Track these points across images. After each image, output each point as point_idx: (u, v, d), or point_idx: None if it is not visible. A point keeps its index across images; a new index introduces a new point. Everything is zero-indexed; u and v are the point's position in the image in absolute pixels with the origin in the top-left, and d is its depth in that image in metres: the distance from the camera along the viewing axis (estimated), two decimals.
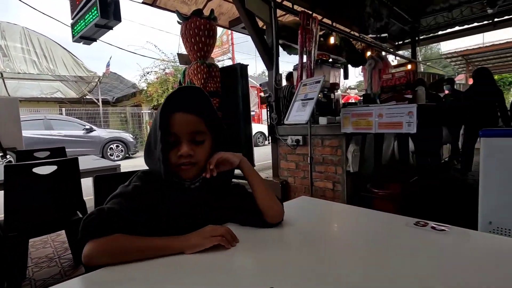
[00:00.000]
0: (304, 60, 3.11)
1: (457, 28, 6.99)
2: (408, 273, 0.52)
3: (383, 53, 6.93)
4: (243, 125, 3.98)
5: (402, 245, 0.65)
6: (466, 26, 6.84)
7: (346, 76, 5.33)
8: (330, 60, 5.65)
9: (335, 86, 3.15)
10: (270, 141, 3.45)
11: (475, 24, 6.67)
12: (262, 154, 7.16)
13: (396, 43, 7.58)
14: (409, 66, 7.24)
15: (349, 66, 4.99)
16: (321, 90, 2.93)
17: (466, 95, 3.91)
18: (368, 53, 5.55)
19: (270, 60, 3.30)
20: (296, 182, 3.27)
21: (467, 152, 3.95)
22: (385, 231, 0.74)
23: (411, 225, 0.72)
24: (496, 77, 17.75)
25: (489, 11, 5.29)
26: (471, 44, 9.91)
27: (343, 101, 10.00)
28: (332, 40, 4.81)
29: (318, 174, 3.05)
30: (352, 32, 5.67)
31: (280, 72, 3.39)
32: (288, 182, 3.34)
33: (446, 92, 4.98)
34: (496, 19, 6.31)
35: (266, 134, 7.50)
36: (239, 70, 3.86)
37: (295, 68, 3.69)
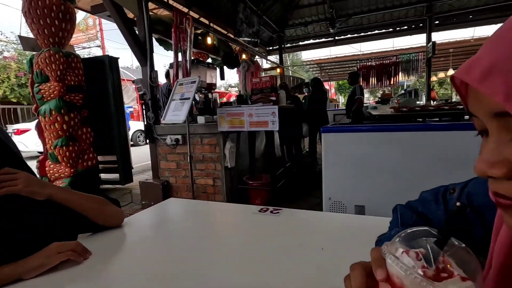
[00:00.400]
0: (180, 59, 3.09)
1: (311, 41, 8.50)
2: (250, 251, 0.64)
3: (257, 57, 7.68)
4: (116, 124, 3.61)
5: (248, 229, 0.78)
6: (317, 40, 8.42)
7: (222, 77, 5.62)
8: (209, 60, 5.81)
9: (212, 86, 3.29)
10: (148, 141, 3.28)
11: (323, 39, 8.30)
12: (144, 154, 6.68)
13: (268, 48, 8.54)
14: (278, 70, 8.30)
15: (226, 67, 5.29)
16: (198, 90, 3.00)
17: (309, 98, 4.86)
18: (244, 56, 6.03)
19: (143, 55, 3.12)
20: (178, 181, 3.25)
21: (311, 145, 4.99)
22: (235, 220, 0.87)
23: (256, 212, 0.88)
24: (340, 82, 22.64)
25: (331, 30, 6.69)
26: (323, 54, 12.28)
27: (225, 99, 10.49)
28: (209, 40, 4.96)
29: (199, 172, 3.13)
30: (229, 34, 6.01)
31: (164, 67, 3.25)
32: (169, 182, 3.28)
33: (306, 94, 6.04)
34: (336, 37, 8.04)
35: None
36: (108, 63, 3.46)
37: (171, 67, 3.62)
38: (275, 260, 0.61)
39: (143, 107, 3.18)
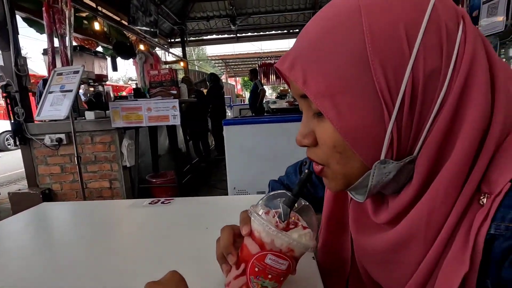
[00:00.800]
0: (56, 44, 2.63)
1: (214, 36, 8.56)
2: (133, 243, 0.62)
3: (157, 49, 7.22)
4: None
5: (134, 223, 0.76)
6: (220, 36, 8.53)
7: (114, 68, 5.07)
8: (99, 48, 5.13)
9: (102, 78, 2.93)
10: (18, 142, 2.69)
11: (226, 35, 8.47)
12: (18, 160, 5.43)
13: (169, 40, 8.14)
14: (182, 64, 8.04)
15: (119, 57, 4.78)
16: (84, 81, 2.63)
17: (208, 94, 4.95)
18: (141, 47, 5.57)
19: (4, 38, 2.52)
20: (64, 187, 2.79)
21: (218, 137, 5.12)
22: (120, 216, 0.82)
23: (147, 204, 0.85)
24: (245, 78, 23.62)
25: (232, 27, 6.89)
26: (228, 50, 12.51)
27: (125, 93, 9.48)
28: (97, 25, 4.38)
29: (92, 174, 2.77)
30: (123, 21, 5.43)
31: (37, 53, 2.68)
32: (52, 189, 2.79)
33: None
34: (238, 35, 8.33)
35: None
36: None
37: (45, 53, 3.04)
38: (159, 247, 0.61)
39: (8, 102, 2.58)
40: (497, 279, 0.27)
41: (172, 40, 8.17)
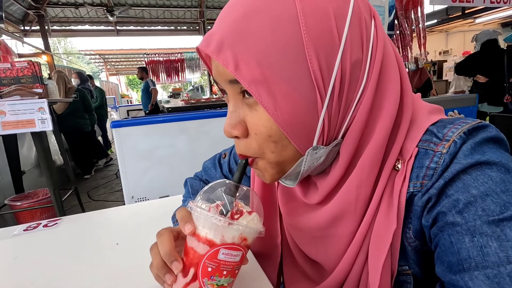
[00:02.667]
0: None
1: (88, 27, 7.36)
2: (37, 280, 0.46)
3: (4, 37, 5.64)
4: None
5: (10, 258, 0.56)
6: (95, 27, 7.41)
7: None
8: None
9: None
10: None
11: (103, 27, 7.43)
12: None
13: (23, 28, 6.50)
14: (44, 58, 6.57)
15: None
16: None
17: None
18: None
19: None
20: None
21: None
22: None
23: (21, 232, 0.65)
24: (130, 77, 21.43)
25: (110, 18, 6.10)
26: (107, 46, 10.98)
27: None
28: None
29: None
30: None
31: None
32: None
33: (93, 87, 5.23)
34: (118, 28, 7.45)
35: None
36: None
37: None
38: (65, 278, 0.48)
39: None
40: (418, 227, 0.32)
41: (27, 28, 6.56)
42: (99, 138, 5.22)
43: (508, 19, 7.65)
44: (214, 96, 6.22)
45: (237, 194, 0.35)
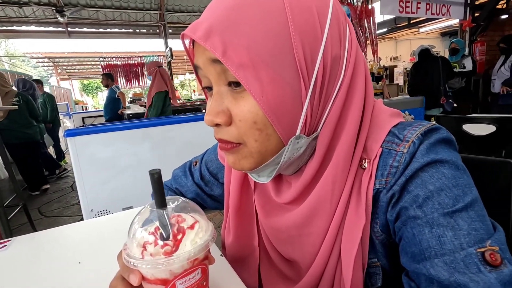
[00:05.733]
0: None
1: (34, 27, 6.76)
2: None
3: None
4: None
5: None
6: (43, 28, 6.84)
7: None
8: None
9: None
10: None
11: (52, 28, 6.88)
12: None
13: None
14: None
15: None
16: None
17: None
18: None
19: None
20: None
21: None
22: None
23: None
24: (85, 82, 20.07)
25: (60, 19, 5.67)
26: (58, 48, 10.17)
27: None
28: None
29: None
30: None
31: None
32: None
33: (41, 93, 4.81)
34: (70, 29, 6.95)
35: None
36: None
37: None
38: None
39: None
40: (384, 221, 0.35)
41: None
42: (50, 148, 4.81)
43: (447, 29, 8.63)
44: (178, 102, 6.06)
45: (171, 209, 0.33)
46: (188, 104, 3.90)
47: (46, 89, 5.45)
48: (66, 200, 3.24)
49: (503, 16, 5.14)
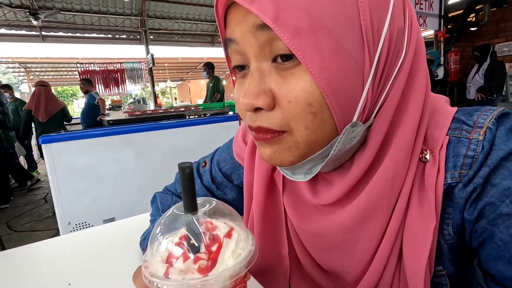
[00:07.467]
0: None
1: (4, 30, 6.39)
2: None
3: None
4: None
5: None
6: (15, 31, 6.48)
7: None
8: None
9: None
10: None
11: (24, 32, 6.53)
12: None
13: None
14: None
15: None
16: None
17: None
18: None
19: None
20: None
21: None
22: None
23: None
24: (59, 89, 19.22)
25: (34, 22, 5.39)
26: (30, 53, 9.66)
27: None
28: None
29: None
30: None
31: None
32: None
33: (10, 100, 4.51)
34: (44, 33, 6.63)
35: None
36: None
37: None
38: None
39: None
40: (459, 221, 0.29)
41: None
42: (21, 158, 4.48)
43: (424, 39, 9.15)
44: (160, 109, 5.90)
45: (203, 213, 0.27)
46: (172, 110, 3.78)
47: (17, 95, 5.10)
48: (39, 213, 2.99)
49: (473, 28, 5.46)
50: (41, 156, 3.42)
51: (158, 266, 0.24)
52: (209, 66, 4.66)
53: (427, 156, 0.30)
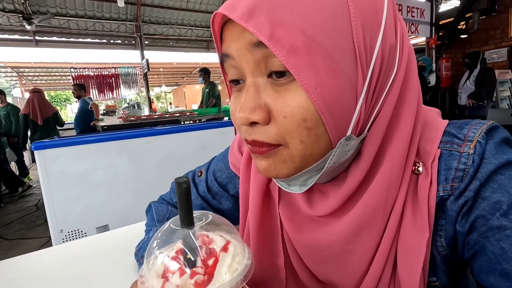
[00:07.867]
0: None
1: None
2: None
3: None
4: None
5: None
6: (7, 36, 6.42)
7: None
8: None
9: None
10: None
11: (18, 36, 6.48)
12: None
13: None
14: None
15: None
16: None
17: None
18: None
19: None
20: None
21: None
22: None
23: None
24: (52, 93, 19.03)
25: (27, 27, 5.35)
26: (23, 58, 9.58)
27: None
28: None
29: None
30: None
31: None
32: None
33: (1, 105, 4.46)
34: (37, 37, 6.58)
35: None
36: None
37: None
38: None
39: None
40: (451, 233, 0.30)
41: None
42: (12, 164, 4.40)
43: (414, 47, 9.32)
44: (155, 114, 5.87)
45: (201, 222, 0.27)
46: (167, 115, 3.77)
47: (9, 100, 5.04)
48: (30, 220, 2.94)
49: (463, 36, 5.59)
50: (33, 161, 3.38)
51: (154, 281, 0.24)
52: (205, 72, 4.67)
53: (420, 169, 0.30)
